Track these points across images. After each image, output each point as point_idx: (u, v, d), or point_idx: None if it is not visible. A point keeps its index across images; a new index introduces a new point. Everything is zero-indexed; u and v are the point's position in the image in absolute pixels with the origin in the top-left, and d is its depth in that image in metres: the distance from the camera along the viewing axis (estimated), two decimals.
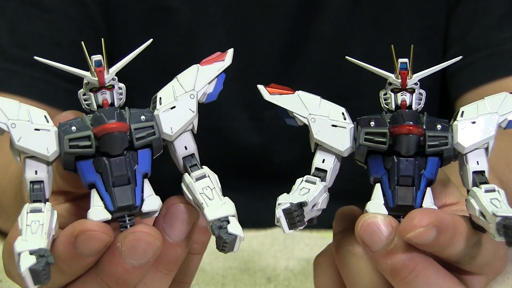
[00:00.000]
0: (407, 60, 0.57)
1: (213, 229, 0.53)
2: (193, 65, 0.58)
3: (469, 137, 0.57)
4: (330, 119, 0.59)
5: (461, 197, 0.61)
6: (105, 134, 0.54)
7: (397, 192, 0.56)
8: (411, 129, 0.56)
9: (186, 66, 1.01)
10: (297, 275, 0.77)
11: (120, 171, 0.55)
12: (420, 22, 1.00)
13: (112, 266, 0.54)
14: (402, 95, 0.58)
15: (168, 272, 0.57)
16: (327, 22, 1.00)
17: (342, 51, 1.01)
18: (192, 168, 0.57)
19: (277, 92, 0.60)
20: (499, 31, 0.97)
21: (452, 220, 0.54)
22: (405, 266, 0.55)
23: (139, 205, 0.55)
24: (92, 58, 0.55)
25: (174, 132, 0.56)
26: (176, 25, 0.99)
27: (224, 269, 0.79)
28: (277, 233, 0.88)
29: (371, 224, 0.55)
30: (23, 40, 0.98)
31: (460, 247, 0.55)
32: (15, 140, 0.55)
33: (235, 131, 1.01)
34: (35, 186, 0.55)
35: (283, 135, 1.02)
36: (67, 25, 0.98)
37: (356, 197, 0.67)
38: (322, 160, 0.59)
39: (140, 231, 0.54)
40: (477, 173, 0.57)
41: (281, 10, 1.00)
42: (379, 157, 0.57)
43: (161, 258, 0.56)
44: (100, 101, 0.56)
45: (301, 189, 0.57)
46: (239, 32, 1.00)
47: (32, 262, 0.50)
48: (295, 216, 0.55)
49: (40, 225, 0.53)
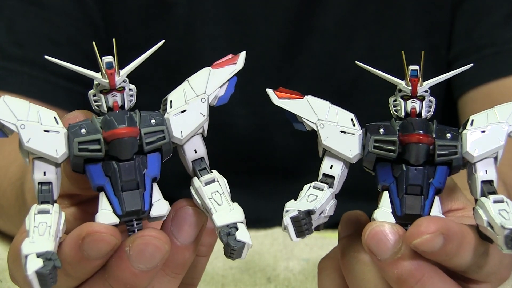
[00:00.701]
0: (417, 67, 0.57)
1: (221, 236, 0.53)
2: (205, 68, 0.58)
3: (478, 146, 0.57)
4: (339, 125, 0.58)
5: (467, 203, 0.60)
6: (115, 139, 0.54)
7: (405, 200, 0.56)
8: (421, 138, 0.55)
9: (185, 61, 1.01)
10: (297, 275, 0.77)
11: (129, 176, 0.54)
12: (424, 17, 1.00)
13: (120, 270, 0.54)
14: (412, 103, 0.57)
15: (176, 276, 0.57)
16: (329, 16, 0.99)
17: (344, 46, 1.00)
18: (201, 172, 0.57)
19: (286, 96, 0.59)
20: (505, 29, 0.97)
21: (459, 229, 0.54)
22: (412, 275, 0.54)
23: (148, 210, 0.55)
24: (103, 60, 0.55)
25: (184, 136, 0.56)
26: (174, 20, 0.99)
27: (224, 269, 0.79)
28: (277, 233, 0.88)
29: (379, 232, 0.54)
30: (20, 38, 0.97)
31: (468, 257, 0.54)
32: (24, 141, 0.54)
33: (235, 126, 1.01)
34: (43, 187, 0.55)
35: (283, 131, 1.01)
36: (65, 23, 0.98)
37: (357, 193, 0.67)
38: (330, 166, 0.58)
39: (148, 235, 0.53)
40: (486, 183, 0.57)
41: (282, 4, 0.99)
42: (387, 165, 0.57)
43: (169, 262, 0.56)
44: (110, 103, 0.55)
45: (309, 195, 0.57)
46: (239, 26, 1.00)
47: (39, 265, 0.50)
48: (303, 224, 0.54)
49: (48, 227, 0.52)
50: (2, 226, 0.86)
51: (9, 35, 0.97)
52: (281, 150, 1.03)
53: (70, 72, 1.02)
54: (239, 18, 0.99)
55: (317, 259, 0.80)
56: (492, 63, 0.96)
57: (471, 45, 0.98)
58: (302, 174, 1.02)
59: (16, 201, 0.77)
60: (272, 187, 1.02)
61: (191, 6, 0.99)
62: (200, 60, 0.99)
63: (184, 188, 0.58)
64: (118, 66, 0.55)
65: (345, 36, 1.01)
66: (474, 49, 0.97)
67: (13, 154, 0.83)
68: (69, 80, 0.96)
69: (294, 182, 1.06)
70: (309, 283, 0.75)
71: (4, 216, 0.83)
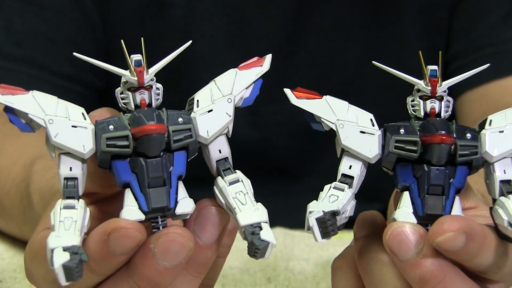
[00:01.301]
0: (437, 67, 0.57)
1: (246, 235, 0.53)
2: (231, 69, 0.58)
3: (497, 146, 0.56)
4: (358, 125, 0.58)
5: (479, 202, 0.60)
6: (144, 136, 0.53)
7: (426, 201, 0.56)
8: (444, 138, 0.55)
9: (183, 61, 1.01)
10: (297, 275, 0.77)
11: (157, 172, 0.54)
12: (422, 17, 1.00)
13: (145, 267, 0.53)
14: (432, 103, 0.57)
15: (198, 275, 0.57)
16: (327, 16, 0.99)
17: (342, 46, 1.00)
18: (225, 172, 0.57)
19: (304, 96, 0.59)
20: (504, 30, 0.97)
21: (481, 229, 0.54)
22: (434, 276, 0.54)
23: (173, 207, 0.55)
24: (132, 58, 0.55)
25: (210, 135, 0.56)
26: (172, 19, 0.99)
27: (224, 269, 0.78)
28: (277, 233, 0.87)
29: (400, 233, 0.54)
30: (19, 37, 0.97)
31: (489, 257, 0.54)
32: (52, 136, 0.54)
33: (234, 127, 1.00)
34: (69, 182, 0.55)
35: (281, 131, 1.01)
36: (63, 22, 0.98)
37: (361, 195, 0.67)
38: (349, 166, 0.58)
39: (174, 233, 0.53)
40: (504, 182, 0.56)
41: (279, 3, 0.99)
42: (408, 165, 0.56)
43: (191, 261, 0.55)
44: (138, 101, 0.55)
45: (330, 196, 0.56)
46: (236, 26, 0.99)
47: (66, 259, 0.50)
48: (329, 226, 0.54)
49: (74, 222, 0.52)
50: (4, 227, 0.86)
51: (8, 34, 0.97)
52: (279, 151, 1.03)
53: (69, 72, 1.02)
54: (237, 18, 0.99)
55: (317, 259, 0.81)
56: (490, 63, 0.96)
57: (470, 45, 0.98)
58: (301, 175, 1.02)
59: (20, 202, 0.76)
60: (271, 188, 1.01)
61: (189, 7, 0.99)
62: (198, 60, 0.99)
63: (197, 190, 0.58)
64: (147, 65, 0.55)
65: (342, 36, 1.01)
66: (472, 49, 0.97)
67: (16, 154, 0.83)
68: (68, 80, 0.96)
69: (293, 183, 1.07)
70: (309, 283, 0.75)
71: (6, 217, 0.83)
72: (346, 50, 1.01)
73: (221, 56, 0.99)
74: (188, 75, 0.98)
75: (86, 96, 0.97)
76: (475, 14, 0.99)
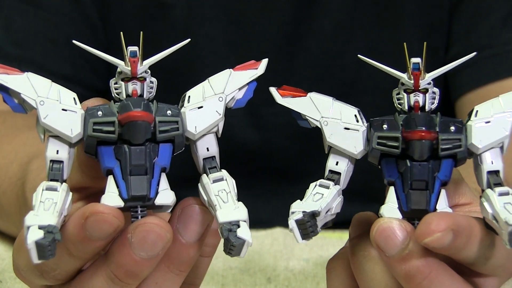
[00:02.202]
0: (419, 60, 0.57)
1: (222, 231, 0.53)
2: (226, 69, 0.59)
3: (483, 137, 0.56)
4: (342, 121, 0.58)
5: (474, 198, 0.60)
6: (129, 122, 0.54)
7: (411, 196, 0.56)
8: (424, 135, 0.55)
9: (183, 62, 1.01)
10: (297, 275, 0.77)
11: (139, 160, 0.55)
12: (422, 19, 1.00)
13: (122, 257, 0.54)
14: (415, 96, 0.57)
15: (180, 273, 0.57)
16: (327, 17, 0.99)
17: (342, 48, 1.00)
18: (211, 170, 0.57)
19: (289, 94, 0.60)
20: (503, 31, 0.97)
21: (467, 222, 0.54)
22: (420, 272, 0.54)
23: (153, 197, 0.55)
24: (128, 49, 0.56)
25: (198, 131, 0.57)
26: (172, 20, 0.99)
27: (224, 269, 0.78)
28: (277, 233, 0.88)
29: (387, 229, 0.54)
30: (18, 37, 0.97)
31: (475, 248, 0.55)
32: (41, 117, 0.55)
33: (232, 127, 1.01)
34: (54, 165, 0.56)
35: (281, 132, 1.01)
36: (63, 22, 0.98)
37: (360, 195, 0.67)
38: (335, 163, 0.58)
39: (151, 223, 0.53)
40: (492, 173, 0.56)
41: (279, 5, 0.99)
42: (392, 160, 0.57)
43: (173, 258, 0.56)
44: (130, 91, 0.56)
45: (315, 194, 0.57)
46: (237, 27, 0.99)
47: (40, 236, 0.51)
48: (308, 227, 0.55)
49: (54, 203, 0.53)
50: (2, 226, 0.86)
51: (7, 34, 0.97)
52: (280, 152, 1.03)
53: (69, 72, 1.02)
54: (237, 20, 0.99)
55: (317, 259, 0.81)
56: (490, 65, 0.96)
57: (469, 47, 0.98)
58: (301, 176, 1.02)
59: (17, 200, 0.76)
60: (271, 189, 1.02)
61: (190, 8, 0.99)
62: (198, 61, 0.99)
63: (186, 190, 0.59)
64: (142, 57, 0.56)
65: (342, 37, 1.01)
66: (472, 51, 0.96)
67: (13, 154, 0.83)
68: (67, 80, 0.96)
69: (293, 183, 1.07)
70: (309, 283, 0.75)
71: (4, 216, 0.83)
72: (347, 52, 1.01)
73: (221, 57, 0.99)
74: (188, 76, 0.98)
75: (86, 97, 0.97)
76: (475, 16, 0.98)
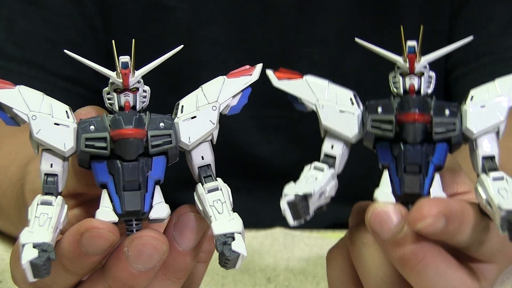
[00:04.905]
0: (415, 43, 0.57)
1: (217, 245, 0.53)
2: (220, 76, 0.59)
3: (478, 122, 0.56)
4: (338, 105, 0.58)
5: (472, 186, 0.60)
6: (121, 139, 0.54)
7: (404, 179, 0.56)
8: (417, 117, 0.55)
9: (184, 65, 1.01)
10: (297, 275, 0.77)
11: (132, 176, 0.55)
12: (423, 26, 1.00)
13: (119, 270, 0.54)
14: (410, 79, 0.57)
15: (177, 280, 0.57)
16: (328, 25, 1.00)
17: (344, 55, 1.00)
18: (206, 179, 0.57)
19: (285, 77, 0.60)
20: (504, 38, 0.97)
21: (460, 207, 0.54)
22: (415, 256, 0.54)
23: (147, 211, 0.55)
24: (120, 59, 0.55)
25: (191, 142, 0.57)
26: (173, 23, 0.99)
27: (224, 269, 0.78)
28: (277, 233, 0.88)
29: (381, 213, 0.55)
30: (19, 38, 0.98)
31: (469, 233, 0.55)
32: (34, 132, 0.55)
33: (234, 130, 1.00)
34: (49, 178, 0.56)
35: (282, 135, 1.01)
36: (64, 23, 0.98)
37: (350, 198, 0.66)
38: (331, 146, 0.58)
39: (147, 236, 0.54)
40: (487, 159, 0.56)
41: (279, 10, 0.99)
42: (386, 144, 0.57)
43: (170, 266, 0.56)
44: (122, 102, 0.56)
45: (309, 177, 0.56)
46: (238, 31, 1.00)
47: (34, 256, 0.51)
48: (300, 208, 0.54)
49: (48, 219, 0.53)
50: (2, 227, 0.85)
51: (8, 35, 0.98)
52: (280, 155, 1.02)
53: (69, 73, 1.02)
54: (239, 24, 1.00)
55: (317, 259, 0.80)
56: (491, 72, 0.96)
57: (470, 54, 0.98)
58: None
59: (16, 201, 0.76)
60: (271, 191, 1.01)
61: (191, 11, 0.99)
62: (200, 64, 0.99)
63: (184, 193, 0.59)
64: (134, 67, 0.56)
65: (344, 44, 1.01)
66: (473, 58, 0.97)
67: (13, 154, 0.83)
68: (68, 81, 0.96)
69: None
70: (309, 283, 0.75)
71: (4, 216, 0.83)
72: (348, 59, 1.01)
73: (223, 61, 0.99)
74: (190, 79, 0.98)
75: (87, 98, 0.97)
76: (476, 22, 0.99)
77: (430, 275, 0.54)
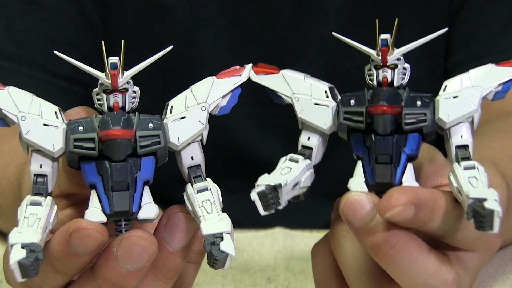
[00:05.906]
0: (388, 36, 0.58)
1: (206, 245, 0.54)
2: (209, 77, 0.59)
3: (450, 112, 0.57)
4: (313, 98, 0.59)
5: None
6: (109, 140, 0.55)
7: (375, 169, 0.57)
8: (385, 109, 0.56)
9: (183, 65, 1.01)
10: (297, 275, 0.77)
11: (120, 176, 0.55)
12: (422, 26, 1.00)
13: (108, 271, 0.54)
14: (383, 72, 0.58)
15: (167, 280, 0.58)
16: (326, 24, 0.99)
17: (341, 54, 1.00)
18: (196, 179, 0.57)
19: (262, 71, 0.61)
20: (503, 39, 0.97)
21: (431, 195, 0.55)
22: (386, 242, 0.55)
23: (136, 212, 0.56)
24: (109, 60, 0.56)
25: (180, 142, 0.57)
26: (172, 23, 0.99)
27: (224, 270, 0.78)
28: (277, 233, 0.88)
29: (354, 202, 0.56)
30: (19, 37, 0.98)
31: (440, 221, 0.55)
32: (23, 133, 0.56)
33: (232, 129, 1.00)
34: (38, 179, 0.56)
35: (281, 134, 1.01)
36: (63, 23, 0.98)
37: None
38: (307, 138, 0.60)
39: (136, 236, 0.54)
40: (460, 148, 0.57)
41: (278, 11, 0.99)
42: (359, 135, 0.58)
43: (160, 266, 0.57)
44: (111, 103, 0.56)
45: (283, 168, 0.58)
46: (236, 30, 1.00)
47: (22, 256, 0.52)
48: (269, 199, 0.56)
49: (38, 219, 0.54)
50: (1, 226, 0.85)
51: (8, 34, 0.98)
52: (279, 154, 1.02)
53: (69, 72, 1.02)
54: (236, 23, 1.00)
55: None
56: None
57: (470, 54, 0.98)
58: None
59: (14, 201, 0.77)
60: None
61: (190, 10, 0.99)
62: (198, 64, 0.99)
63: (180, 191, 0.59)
64: (123, 68, 0.56)
65: (342, 44, 1.01)
66: (472, 58, 0.97)
67: (11, 154, 0.83)
68: (67, 80, 0.96)
69: None
70: (309, 283, 0.75)
71: (3, 216, 0.83)
72: (346, 58, 1.01)
73: (221, 60, 0.99)
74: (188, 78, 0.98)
75: (86, 97, 0.97)
76: (474, 23, 0.99)
77: (403, 262, 0.55)
